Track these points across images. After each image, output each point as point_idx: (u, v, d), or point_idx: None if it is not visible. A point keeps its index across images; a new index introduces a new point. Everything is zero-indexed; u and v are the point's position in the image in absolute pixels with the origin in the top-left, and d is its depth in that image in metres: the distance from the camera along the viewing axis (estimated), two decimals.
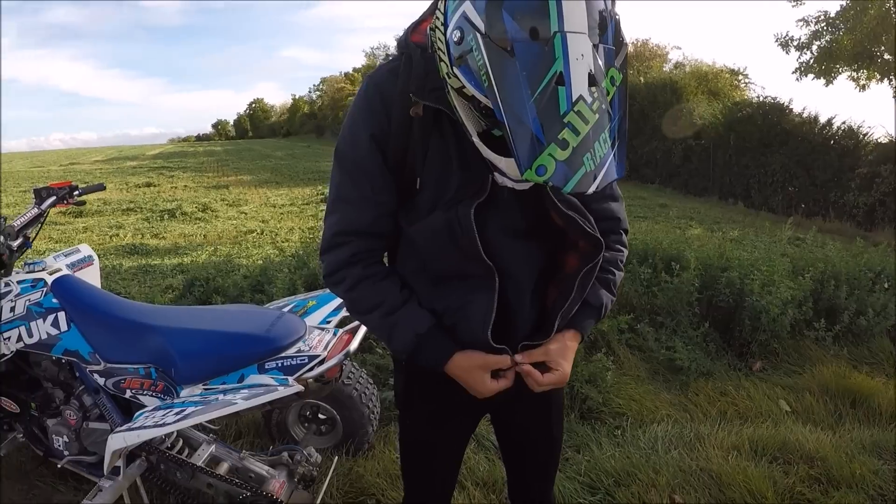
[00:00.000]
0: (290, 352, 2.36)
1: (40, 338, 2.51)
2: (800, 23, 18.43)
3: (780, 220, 11.24)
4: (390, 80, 1.41)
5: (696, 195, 18.16)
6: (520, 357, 1.50)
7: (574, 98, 1.05)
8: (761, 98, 17.76)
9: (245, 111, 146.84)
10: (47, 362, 2.61)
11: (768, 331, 4.57)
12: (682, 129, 18.57)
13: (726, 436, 3.44)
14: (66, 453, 2.64)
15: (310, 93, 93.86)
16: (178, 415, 2.04)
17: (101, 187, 3.31)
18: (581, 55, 1.05)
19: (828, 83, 18.78)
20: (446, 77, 1.23)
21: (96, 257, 3.00)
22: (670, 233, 8.03)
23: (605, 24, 1.10)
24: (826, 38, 18.05)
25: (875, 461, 3.21)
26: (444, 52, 1.21)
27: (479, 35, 1.09)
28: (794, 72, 18.92)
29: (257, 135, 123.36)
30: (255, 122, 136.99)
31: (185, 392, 2.31)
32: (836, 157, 14.45)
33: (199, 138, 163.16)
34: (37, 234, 2.82)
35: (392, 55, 1.49)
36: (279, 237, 9.86)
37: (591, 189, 1.10)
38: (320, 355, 2.34)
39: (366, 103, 1.44)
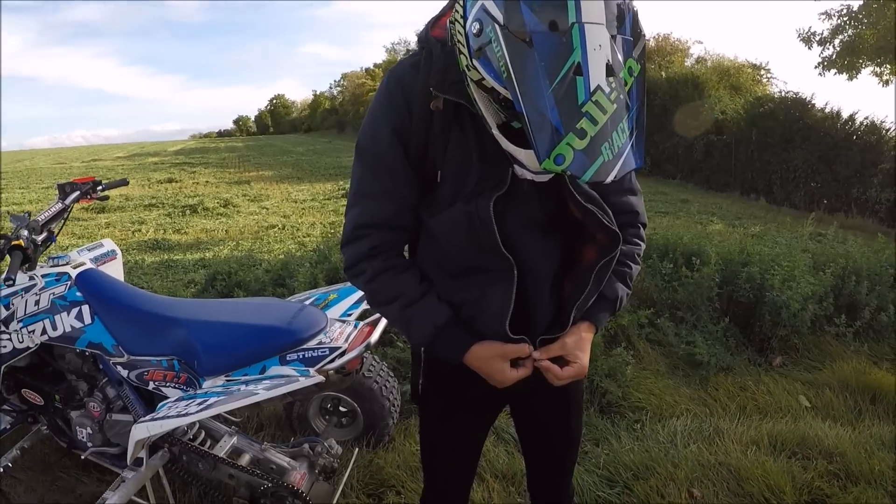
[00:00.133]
0: (312, 344, 2.37)
1: (64, 331, 2.54)
2: (822, 16, 18.31)
3: (802, 215, 11.14)
4: (411, 75, 1.41)
5: (717, 191, 17.99)
6: (537, 353, 1.50)
7: (592, 88, 1.06)
8: (783, 93, 17.63)
9: (266, 107, 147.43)
10: (71, 355, 2.64)
11: (788, 326, 4.54)
12: (702, 124, 18.41)
13: (745, 430, 3.43)
14: (89, 445, 2.66)
15: (331, 88, 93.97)
16: (200, 405, 2.06)
17: (124, 182, 3.34)
18: (599, 46, 1.06)
19: (851, 78, 18.64)
20: (466, 70, 1.24)
21: (119, 252, 3.03)
22: (691, 228, 7.96)
23: (623, 15, 1.10)
24: (849, 32, 17.89)
25: (894, 457, 3.18)
26: (463, 45, 1.22)
27: (497, 27, 1.10)
28: (816, 66, 18.85)
29: (278, 130, 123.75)
30: (277, 117, 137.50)
31: (207, 383, 2.33)
32: (858, 152, 14.25)
33: (221, 134, 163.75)
34: (61, 229, 2.84)
35: (413, 50, 1.50)
36: (300, 232, 9.89)
37: (610, 178, 1.10)
38: (341, 347, 2.35)
39: (387, 97, 1.44)
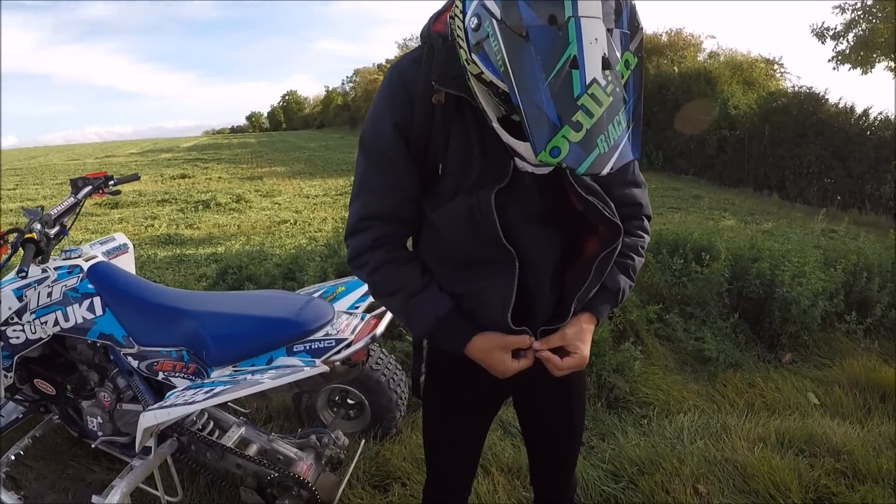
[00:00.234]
0: (319, 335, 2.40)
1: (76, 322, 2.57)
2: (836, 9, 18.17)
3: (815, 211, 11.06)
4: (413, 69, 1.43)
5: (730, 186, 17.83)
6: (538, 344, 1.52)
7: (588, 81, 1.07)
8: (797, 88, 17.42)
9: (279, 103, 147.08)
10: (82, 346, 2.67)
11: (798, 323, 4.53)
12: (708, 121, 18.33)
13: (753, 427, 3.42)
14: (99, 434, 2.70)
15: (343, 84, 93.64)
16: (207, 394, 2.09)
17: (136, 177, 3.38)
18: (595, 39, 1.07)
19: (865, 73, 18.52)
20: (466, 64, 1.25)
21: (131, 245, 3.06)
22: (703, 223, 7.94)
23: (621, 9, 1.12)
24: (862, 26, 17.76)
25: None
26: (462, 40, 1.23)
27: (495, 21, 1.11)
28: (829, 60, 18.70)
29: (291, 126, 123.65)
30: (289, 113, 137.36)
31: (215, 374, 2.36)
32: (872, 148, 14.07)
33: (234, 130, 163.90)
34: (73, 223, 2.88)
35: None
36: (312, 227, 9.90)
37: (606, 170, 1.11)
38: (347, 338, 2.38)
39: (390, 92, 1.46)
